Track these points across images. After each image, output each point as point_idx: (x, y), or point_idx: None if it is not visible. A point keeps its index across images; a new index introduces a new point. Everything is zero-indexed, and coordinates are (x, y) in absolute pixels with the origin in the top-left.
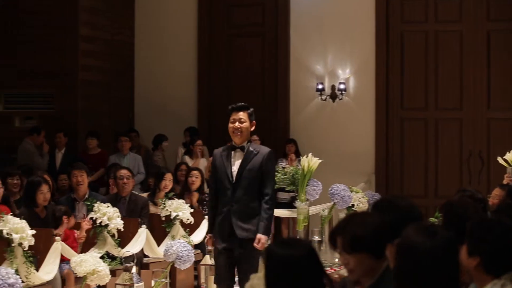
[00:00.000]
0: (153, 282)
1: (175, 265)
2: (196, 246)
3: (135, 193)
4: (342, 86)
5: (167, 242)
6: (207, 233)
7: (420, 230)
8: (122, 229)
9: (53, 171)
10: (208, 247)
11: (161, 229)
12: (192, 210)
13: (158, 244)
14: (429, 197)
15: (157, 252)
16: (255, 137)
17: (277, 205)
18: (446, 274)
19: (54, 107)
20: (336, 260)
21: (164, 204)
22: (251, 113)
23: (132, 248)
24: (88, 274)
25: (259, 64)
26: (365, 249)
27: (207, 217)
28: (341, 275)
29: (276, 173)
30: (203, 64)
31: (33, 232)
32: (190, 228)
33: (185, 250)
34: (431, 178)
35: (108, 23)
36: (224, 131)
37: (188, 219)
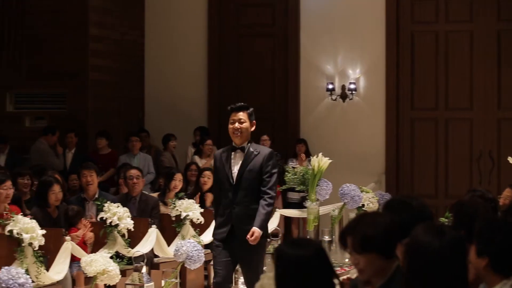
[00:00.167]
0: (163, 282)
1: (185, 265)
2: (206, 246)
3: (146, 193)
4: (352, 86)
5: (177, 242)
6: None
7: (429, 230)
8: (132, 229)
9: (64, 171)
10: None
11: (171, 229)
12: (202, 210)
13: (168, 244)
14: (439, 197)
15: (167, 252)
16: (265, 137)
17: (287, 205)
18: (455, 274)
19: (64, 107)
20: (346, 260)
21: (174, 204)
22: (251, 113)
23: (142, 248)
24: (98, 274)
25: (269, 64)
26: (375, 249)
27: (215, 219)
28: (349, 277)
29: (286, 173)
30: (213, 64)
31: (43, 232)
32: (200, 228)
33: (195, 250)
34: (442, 178)
35: (118, 23)
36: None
37: (198, 219)
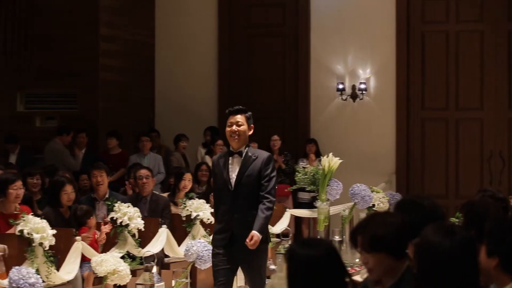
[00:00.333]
0: (174, 282)
1: (196, 265)
2: None
3: (156, 193)
4: (363, 86)
5: (188, 242)
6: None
7: (439, 230)
8: (143, 229)
9: (74, 171)
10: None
11: (182, 229)
12: (213, 210)
13: (179, 244)
14: (450, 197)
15: (178, 252)
16: (276, 137)
17: (298, 205)
18: (465, 274)
19: (75, 107)
20: (357, 260)
21: (185, 204)
22: (249, 117)
23: (153, 248)
24: (109, 274)
25: (280, 64)
26: (385, 249)
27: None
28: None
29: (297, 173)
30: (224, 64)
31: (54, 232)
32: (211, 228)
33: (206, 250)
34: (452, 178)
35: (129, 23)
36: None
37: (209, 219)
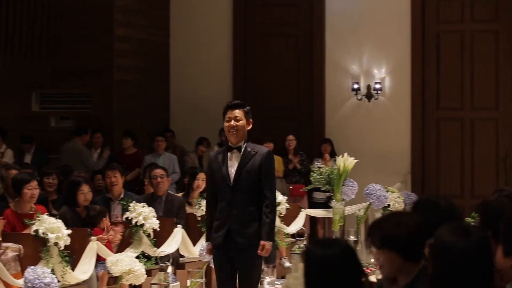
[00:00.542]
0: (189, 282)
1: (211, 265)
2: None
3: (172, 193)
4: (378, 86)
5: (203, 242)
6: (206, 241)
7: (454, 230)
8: (158, 229)
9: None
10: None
11: (197, 229)
12: None
13: (194, 244)
14: (465, 197)
15: (193, 252)
16: (291, 137)
17: (313, 205)
18: (480, 274)
19: (90, 107)
20: (372, 260)
21: (200, 204)
22: (248, 111)
23: (168, 248)
24: (124, 274)
25: (295, 64)
26: (395, 249)
27: (205, 224)
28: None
29: (312, 173)
30: (238, 64)
31: (69, 232)
32: None
33: None
34: (467, 178)
35: (144, 23)
36: (259, 131)
37: None
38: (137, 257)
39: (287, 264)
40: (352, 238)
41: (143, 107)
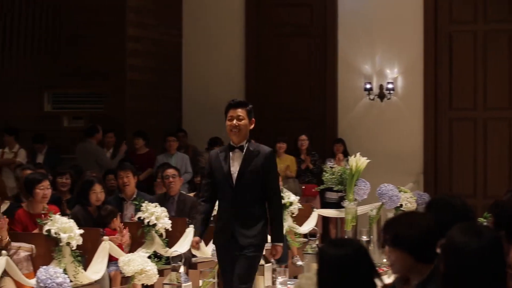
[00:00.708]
0: (201, 282)
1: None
2: None
3: (184, 193)
4: (390, 86)
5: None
6: (194, 236)
7: (466, 230)
8: (170, 229)
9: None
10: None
11: (209, 229)
12: None
13: (206, 244)
14: (478, 197)
15: (205, 252)
16: (304, 137)
17: (325, 205)
18: (492, 275)
19: (102, 107)
20: (385, 260)
21: None
22: (250, 110)
23: (180, 248)
24: (136, 274)
25: (307, 64)
26: (406, 249)
27: (196, 220)
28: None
29: (324, 173)
30: (251, 64)
31: (81, 232)
32: None
33: None
34: (480, 178)
35: (156, 23)
36: (271, 131)
37: None
38: (149, 257)
39: (299, 263)
40: (365, 238)
41: (156, 107)
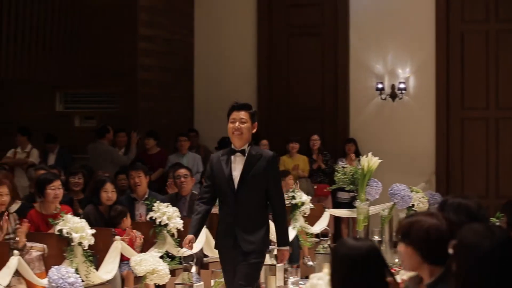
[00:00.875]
0: (213, 282)
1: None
2: None
3: (196, 193)
4: (402, 86)
5: None
6: (189, 234)
7: (478, 231)
8: (182, 229)
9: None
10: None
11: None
12: None
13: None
14: (490, 197)
15: (216, 252)
16: (316, 137)
17: (337, 205)
18: (505, 275)
19: (114, 107)
20: (397, 260)
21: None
22: (254, 114)
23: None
24: (148, 274)
25: (319, 64)
26: (412, 245)
27: (191, 219)
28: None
29: (336, 173)
30: (263, 64)
31: (93, 232)
32: None
33: None
34: (492, 178)
35: (168, 22)
36: (284, 131)
37: None
38: (161, 257)
39: (310, 263)
40: (377, 238)
41: (167, 107)
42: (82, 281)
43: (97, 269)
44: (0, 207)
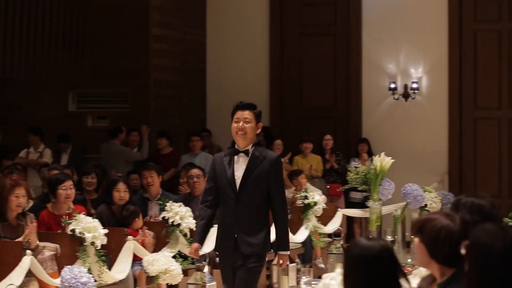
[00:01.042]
0: None
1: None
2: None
3: None
4: (415, 85)
5: None
6: (194, 242)
7: (491, 231)
8: (195, 229)
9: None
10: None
11: None
12: None
13: None
14: (503, 197)
15: None
16: (328, 137)
17: (350, 205)
18: None
19: (126, 107)
20: (409, 260)
21: None
22: (258, 114)
23: (205, 248)
24: (160, 274)
25: (331, 64)
26: (424, 243)
27: (196, 226)
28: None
29: (349, 173)
30: (275, 63)
31: (106, 231)
32: None
33: None
34: (505, 178)
35: (180, 22)
36: (296, 131)
37: None
38: (174, 257)
39: (321, 265)
40: (389, 238)
41: (180, 107)
42: (95, 281)
43: (110, 269)
44: (18, 209)
